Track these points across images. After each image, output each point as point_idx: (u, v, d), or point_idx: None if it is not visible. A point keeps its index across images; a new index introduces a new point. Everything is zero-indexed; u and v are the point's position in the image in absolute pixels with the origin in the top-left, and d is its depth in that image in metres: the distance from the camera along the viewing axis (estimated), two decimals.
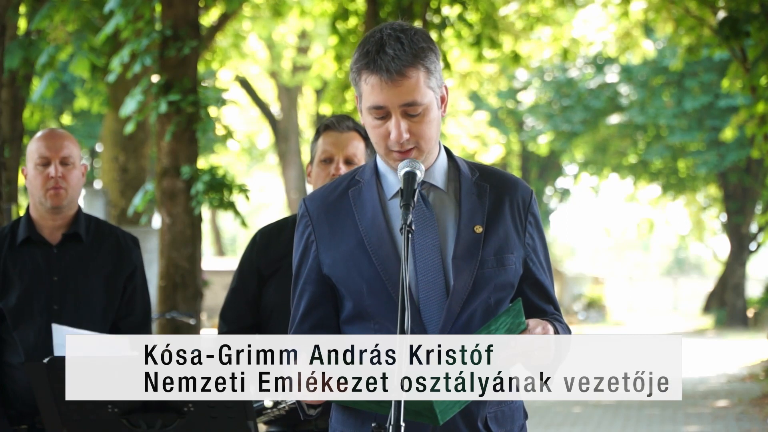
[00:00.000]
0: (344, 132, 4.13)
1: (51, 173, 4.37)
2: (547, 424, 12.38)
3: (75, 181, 4.43)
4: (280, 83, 28.98)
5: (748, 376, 17.69)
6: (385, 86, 2.81)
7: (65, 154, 4.40)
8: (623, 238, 71.42)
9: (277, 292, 4.20)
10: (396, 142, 2.84)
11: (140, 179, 15.47)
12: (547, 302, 3.01)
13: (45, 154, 4.39)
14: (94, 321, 4.40)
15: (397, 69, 2.79)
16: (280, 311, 4.15)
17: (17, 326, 4.35)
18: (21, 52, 12.54)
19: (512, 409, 2.98)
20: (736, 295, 32.92)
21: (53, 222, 4.46)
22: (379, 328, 2.87)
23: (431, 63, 2.84)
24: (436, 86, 2.87)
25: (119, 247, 4.52)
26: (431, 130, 2.87)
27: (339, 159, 4.10)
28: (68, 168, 4.40)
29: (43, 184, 4.38)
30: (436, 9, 14.72)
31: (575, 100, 32.53)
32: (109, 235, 4.54)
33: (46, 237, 4.46)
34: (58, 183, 4.38)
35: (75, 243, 4.47)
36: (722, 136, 22.61)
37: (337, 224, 2.93)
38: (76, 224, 4.48)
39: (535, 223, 3.00)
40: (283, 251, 4.18)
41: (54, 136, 4.44)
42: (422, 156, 2.88)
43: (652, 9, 18.23)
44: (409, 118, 2.83)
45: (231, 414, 3.60)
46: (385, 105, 2.83)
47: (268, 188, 50.76)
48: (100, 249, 4.50)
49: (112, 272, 4.48)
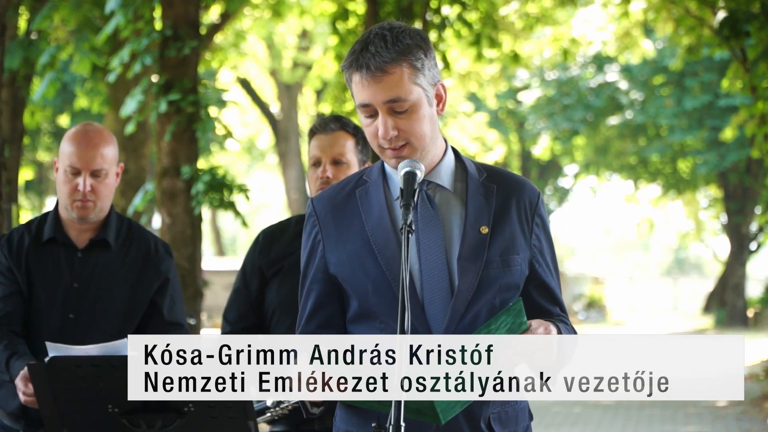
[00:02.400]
0: (329, 133, 4.20)
1: (80, 186, 4.09)
2: (547, 424, 12.38)
3: (106, 192, 4.14)
4: (280, 83, 28.98)
5: (748, 376, 17.68)
6: (367, 83, 2.82)
7: (97, 167, 4.10)
8: (623, 238, 71.44)
9: (279, 291, 4.21)
10: (384, 139, 2.84)
11: (140, 179, 15.46)
12: (553, 304, 3.00)
13: (75, 165, 4.09)
14: (109, 332, 4.14)
15: (377, 65, 2.80)
16: (283, 311, 4.18)
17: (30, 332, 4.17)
18: (21, 52, 12.55)
19: (516, 410, 2.97)
20: (736, 295, 32.91)
21: (81, 226, 4.21)
22: (384, 327, 2.87)
23: (417, 60, 2.83)
24: (425, 83, 2.85)
25: (148, 256, 4.25)
26: (421, 127, 2.85)
27: (326, 161, 4.16)
28: (99, 180, 4.11)
29: (70, 194, 4.12)
30: (436, 9, 14.72)
31: (576, 98, 32.53)
32: (141, 241, 4.26)
33: (72, 239, 4.22)
34: (86, 197, 4.10)
35: (102, 249, 4.21)
36: (722, 136, 22.61)
37: (344, 224, 2.94)
38: (105, 230, 4.21)
39: (541, 224, 2.99)
40: (285, 251, 4.21)
41: (88, 143, 4.11)
42: (416, 153, 2.87)
43: (652, 9, 18.22)
44: (395, 114, 2.83)
45: (231, 414, 3.60)
46: (370, 102, 2.83)
47: (268, 188, 50.76)
48: (127, 256, 4.23)
49: (138, 282, 4.22)
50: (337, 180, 4.06)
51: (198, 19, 10.61)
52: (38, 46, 12.61)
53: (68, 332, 4.13)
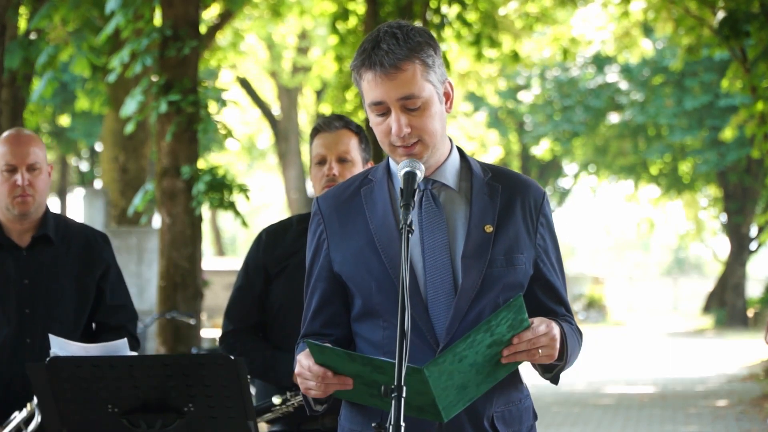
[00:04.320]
0: (333, 131, 4.21)
1: (18, 181, 4.30)
2: (547, 424, 12.38)
3: (42, 186, 4.35)
4: (280, 83, 28.99)
5: (748, 376, 17.69)
6: (380, 81, 2.81)
7: (32, 161, 4.32)
8: (623, 238, 71.43)
9: (284, 290, 4.21)
10: (397, 136, 2.84)
11: (140, 179, 15.48)
12: (558, 304, 3.00)
13: (11, 162, 4.31)
14: (66, 323, 4.36)
15: (391, 62, 2.79)
16: (288, 309, 4.17)
17: None
18: (21, 52, 12.53)
19: (520, 410, 2.96)
20: (736, 295, 32.91)
21: (21, 226, 4.40)
22: (387, 326, 2.87)
23: (428, 57, 2.84)
24: (436, 81, 2.86)
25: (89, 246, 4.46)
26: (433, 124, 2.86)
27: (331, 159, 4.17)
28: (35, 174, 4.33)
29: (9, 192, 4.32)
30: (436, 9, 14.72)
31: (576, 99, 32.53)
32: (78, 235, 4.47)
33: (15, 240, 4.40)
34: (25, 191, 4.31)
35: (44, 245, 4.41)
36: (722, 136, 22.60)
37: (349, 222, 2.94)
38: (44, 226, 4.41)
39: (546, 224, 2.99)
40: (289, 250, 4.23)
41: (20, 141, 4.35)
42: (428, 151, 2.87)
43: (652, 9, 18.22)
44: (408, 112, 2.83)
45: (231, 414, 3.60)
46: (383, 100, 2.83)
47: (268, 188, 50.78)
48: (69, 249, 4.44)
49: (82, 272, 4.42)
50: (343, 177, 4.09)
51: (198, 19, 10.61)
52: (38, 45, 12.59)
53: (28, 326, 4.34)
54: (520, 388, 2.97)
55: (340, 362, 2.71)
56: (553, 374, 2.95)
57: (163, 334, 10.23)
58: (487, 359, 2.73)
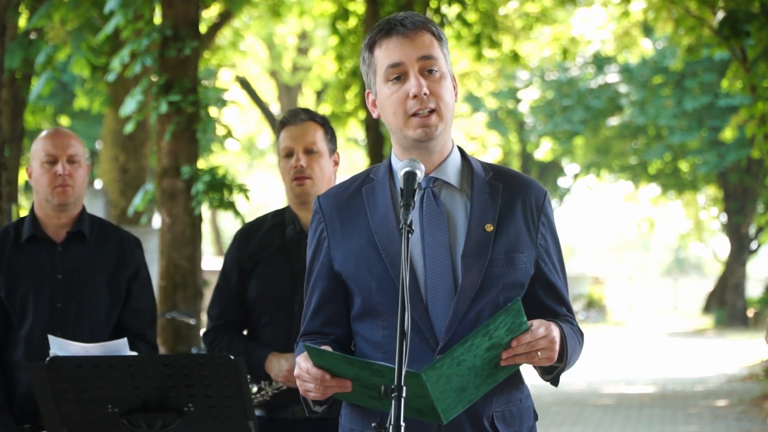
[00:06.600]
0: (300, 124, 4.29)
1: (59, 171, 4.41)
2: (547, 424, 12.38)
3: (81, 180, 4.48)
4: (281, 83, 28.98)
5: (748, 376, 17.69)
6: (400, 42, 2.86)
7: (72, 153, 4.46)
8: (623, 238, 71.40)
9: (257, 283, 4.33)
10: (416, 99, 2.84)
11: (140, 179, 15.46)
12: (559, 304, 2.99)
13: (52, 152, 4.44)
14: (98, 319, 4.45)
15: (412, 25, 2.86)
16: (263, 302, 4.31)
17: (22, 324, 4.40)
18: (21, 51, 12.54)
19: (521, 410, 2.95)
20: (736, 295, 32.90)
21: (58, 220, 4.49)
22: (387, 325, 2.87)
23: (441, 36, 2.90)
24: (447, 62, 2.91)
25: (122, 247, 4.55)
26: (449, 95, 2.89)
27: (298, 151, 4.26)
28: (75, 166, 4.46)
29: (50, 182, 4.42)
30: (436, 9, 14.72)
31: (575, 100, 32.52)
32: (113, 235, 4.57)
33: (50, 235, 4.49)
34: (65, 181, 4.42)
35: (79, 242, 4.50)
36: (722, 136, 22.59)
37: (350, 221, 2.94)
38: (80, 223, 4.51)
39: (548, 224, 2.99)
40: (261, 243, 4.35)
41: (60, 134, 4.50)
42: (442, 123, 2.88)
43: (652, 9, 18.21)
44: (427, 76, 2.86)
45: (231, 414, 3.61)
46: (402, 61, 2.85)
47: (268, 188, 50.76)
48: (103, 248, 4.53)
49: (115, 272, 4.51)
50: (311, 169, 4.23)
51: (198, 19, 10.60)
52: (38, 45, 12.60)
53: (58, 321, 4.39)
54: (520, 388, 2.96)
55: (338, 366, 2.71)
56: (554, 376, 2.94)
57: (163, 334, 10.22)
58: (486, 362, 2.73)
